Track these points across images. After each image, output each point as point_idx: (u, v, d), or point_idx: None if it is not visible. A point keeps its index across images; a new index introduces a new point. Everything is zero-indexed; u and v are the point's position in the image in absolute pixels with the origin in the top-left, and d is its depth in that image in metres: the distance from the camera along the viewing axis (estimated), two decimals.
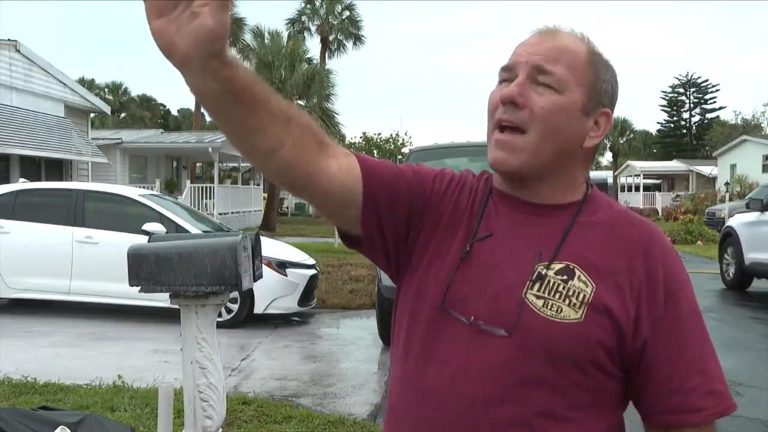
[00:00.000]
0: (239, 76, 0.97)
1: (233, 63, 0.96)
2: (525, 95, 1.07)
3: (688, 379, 1.06)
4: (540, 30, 1.14)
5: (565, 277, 1.06)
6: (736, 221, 10.58)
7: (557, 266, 1.07)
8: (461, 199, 1.17)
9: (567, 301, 1.05)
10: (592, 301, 1.04)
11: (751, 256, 9.53)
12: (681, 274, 1.10)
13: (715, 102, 57.99)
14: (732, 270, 10.28)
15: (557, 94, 1.08)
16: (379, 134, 54.09)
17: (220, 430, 2.86)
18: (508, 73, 1.11)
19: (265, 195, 24.60)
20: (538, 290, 1.06)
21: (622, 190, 41.85)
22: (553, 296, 1.05)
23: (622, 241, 1.09)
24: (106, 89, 59.64)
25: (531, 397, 1.04)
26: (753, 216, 9.86)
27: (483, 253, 1.11)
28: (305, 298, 7.89)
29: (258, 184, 29.26)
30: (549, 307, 1.05)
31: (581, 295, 1.05)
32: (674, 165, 43.14)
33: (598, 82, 1.12)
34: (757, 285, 10.21)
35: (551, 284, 1.06)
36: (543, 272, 1.07)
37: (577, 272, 1.06)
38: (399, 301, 1.20)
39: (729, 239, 10.36)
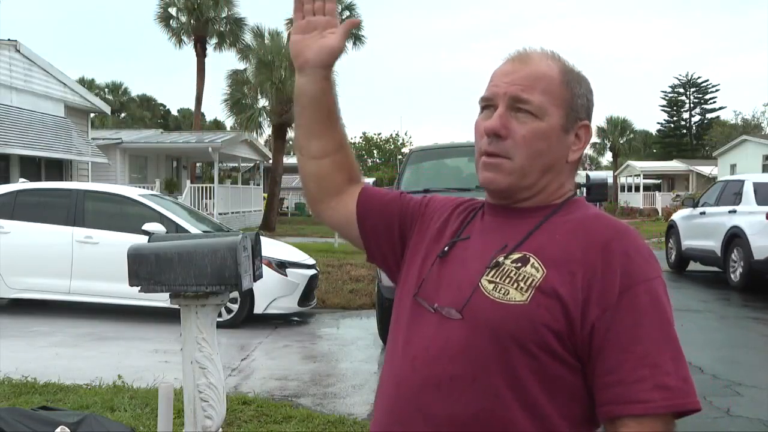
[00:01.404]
0: (331, 92, 1.35)
1: (331, 82, 1.35)
2: (507, 126, 1.16)
3: (635, 371, 1.04)
4: (513, 57, 1.21)
5: (519, 265, 1.12)
6: (677, 216, 12.83)
7: (515, 256, 1.13)
8: (454, 216, 1.30)
9: (515, 285, 1.10)
10: (540, 285, 1.08)
11: (686, 243, 11.79)
12: (647, 270, 1.10)
13: (715, 102, 57.99)
14: (673, 254, 12.53)
15: (537, 120, 1.15)
16: (379, 134, 54.07)
17: (220, 430, 2.86)
18: (488, 104, 1.20)
19: (265, 195, 24.61)
20: (492, 276, 1.13)
21: (622, 190, 41.84)
22: (504, 281, 1.11)
23: (585, 235, 1.13)
24: (106, 89, 59.65)
25: (480, 377, 1.07)
26: (688, 211, 12.17)
27: (458, 251, 1.22)
28: (305, 298, 7.89)
29: (258, 184, 29.27)
30: (497, 291, 1.10)
31: (530, 280, 1.09)
32: (674, 165, 43.12)
33: (573, 98, 1.19)
34: (758, 284, 10.18)
35: (505, 271, 1.12)
36: (500, 260, 1.14)
37: (532, 260, 1.12)
38: (394, 301, 1.31)
39: (671, 230, 12.71)
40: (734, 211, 10.29)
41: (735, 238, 10.01)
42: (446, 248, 1.23)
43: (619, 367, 1.05)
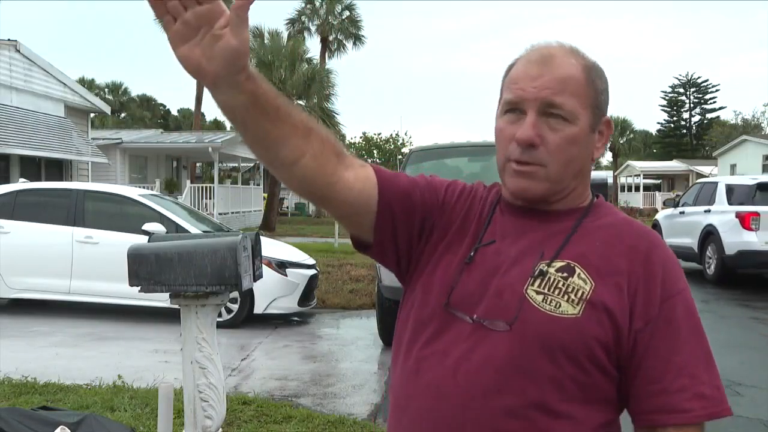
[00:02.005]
0: (263, 89, 1.04)
1: (256, 77, 1.03)
2: (541, 135, 1.11)
3: (676, 380, 1.06)
4: (535, 58, 1.14)
5: (565, 275, 1.09)
6: (660, 215, 13.84)
7: (558, 264, 1.10)
8: (472, 209, 1.22)
9: (566, 297, 1.07)
10: (591, 298, 1.07)
11: (668, 240, 11.81)
12: (680, 280, 1.12)
13: (715, 102, 58.06)
14: None
15: (569, 125, 1.11)
16: (379, 134, 54.05)
17: (220, 430, 2.86)
18: (515, 107, 1.13)
19: (265, 195, 24.60)
20: (539, 286, 1.09)
21: (622, 190, 41.84)
22: (553, 292, 1.08)
23: (624, 245, 1.12)
24: (106, 89, 59.67)
25: (528, 389, 1.06)
26: (670, 211, 13.15)
27: (488, 256, 1.15)
28: (305, 298, 7.89)
29: (258, 184, 29.26)
30: (548, 302, 1.07)
31: (580, 292, 1.07)
32: (674, 165, 43.12)
33: (597, 96, 1.16)
34: (759, 284, 10.21)
35: (551, 281, 1.09)
36: (544, 269, 1.10)
37: (578, 270, 1.09)
38: (405, 302, 1.23)
39: (655, 229, 12.90)
40: (709, 211, 11.08)
41: (710, 235, 10.85)
42: (472, 254, 1.16)
43: (661, 378, 1.07)
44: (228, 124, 38.82)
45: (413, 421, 1.12)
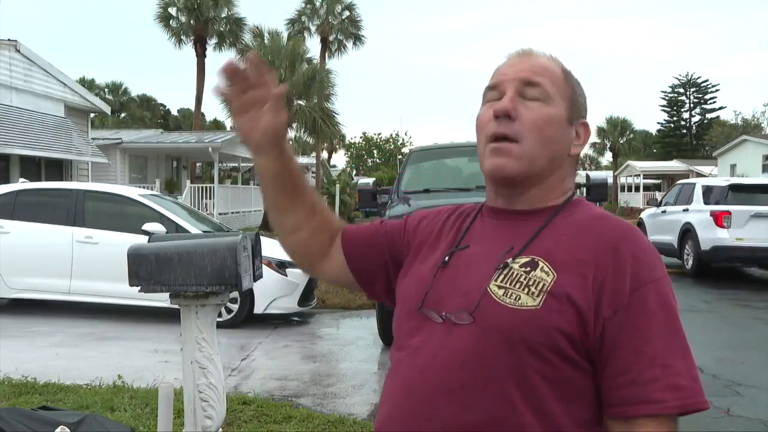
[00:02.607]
0: (292, 167, 1.33)
1: (289, 156, 1.32)
2: (517, 108, 1.16)
3: (647, 371, 1.04)
4: (517, 52, 1.24)
5: (528, 269, 1.11)
6: (644, 214, 14.90)
7: (523, 260, 1.13)
8: (447, 226, 1.29)
9: (526, 290, 1.09)
10: (552, 289, 1.07)
11: (652, 238, 12.57)
12: (655, 270, 1.10)
13: (715, 102, 58.04)
14: None
15: (545, 106, 1.17)
16: (379, 134, 54.15)
17: (220, 430, 2.86)
18: (495, 92, 1.20)
19: None
20: (501, 281, 1.11)
21: (622, 190, 41.85)
22: (514, 286, 1.10)
23: (592, 237, 1.12)
24: (106, 89, 59.63)
25: (493, 385, 1.06)
26: (653, 210, 14.14)
27: (462, 258, 1.20)
28: (305, 298, 7.88)
29: (258, 184, 29.18)
30: (508, 296, 1.09)
31: (541, 284, 1.08)
32: (674, 165, 43.11)
33: (575, 95, 1.22)
34: (759, 285, 10.21)
35: (514, 275, 1.11)
36: (509, 263, 1.13)
37: (541, 264, 1.11)
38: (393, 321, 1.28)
39: (640, 227, 13.64)
40: (687, 210, 12.03)
41: (687, 232, 11.79)
42: (447, 258, 1.21)
43: (631, 368, 1.04)
44: (228, 124, 38.86)
45: (387, 419, 1.16)
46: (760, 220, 10.80)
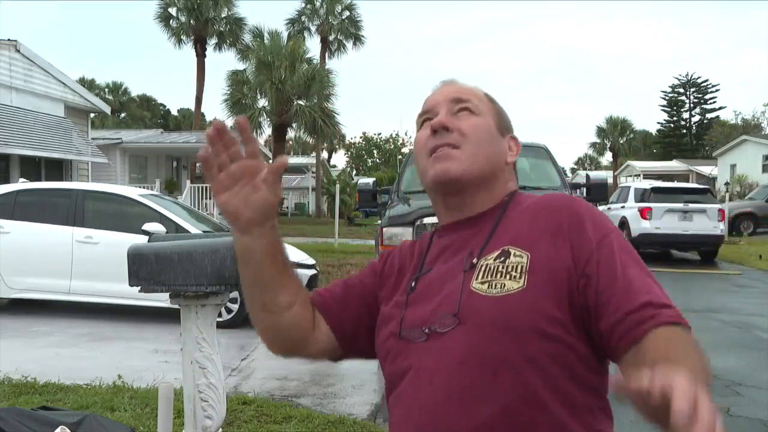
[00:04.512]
0: (278, 239, 1.23)
1: (276, 228, 1.22)
2: (451, 121, 1.24)
3: (637, 299, 1.05)
4: (441, 82, 1.34)
5: (502, 259, 1.14)
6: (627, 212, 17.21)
7: (494, 253, 1.15)
8: (409, 255, 1.32)
9: (508, 276, 1.11)
10: (530, 267, 1.10)
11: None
12: (608, 224, 1.16)
13: (715, 102, 57.99)
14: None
15: (477, 117, 1.25)
16: (379, 134, 54.15)
17: (220, 430, 2.86)
18: (428, 115, 1.28)
19: None
20: (482, 278, 1.13)
21: None
22: (495, 276, 1.12)
23: (545, 211, 1.18)
24: (106, 89, 59.68)
25: (502, 373, 1.06)
26: (603, 208, 15.76)
27: (428, 280, 1.22)
28: None
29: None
30: (493, 287, 1.11)
31: (519, 267, 1.11)
32: (674, 165, 43.13)
33: (500, 113, 1.31)
34: (758, 286, 10.25)
35: (492, 268, 1.13)
36: (481, 263, 1.15)
37: (512, 250, 1.14)
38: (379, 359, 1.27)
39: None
40: (623, 206, 15.66)
41: (623, 224, 14.89)
42: (413, 284, 1.23)
43: (622, 303, 1.05)
44: (228, 124, 38.74)
45: None
46: (672, 214, 14.43)
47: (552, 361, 1.06)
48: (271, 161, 1.27)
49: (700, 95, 58.28)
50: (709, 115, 57.51)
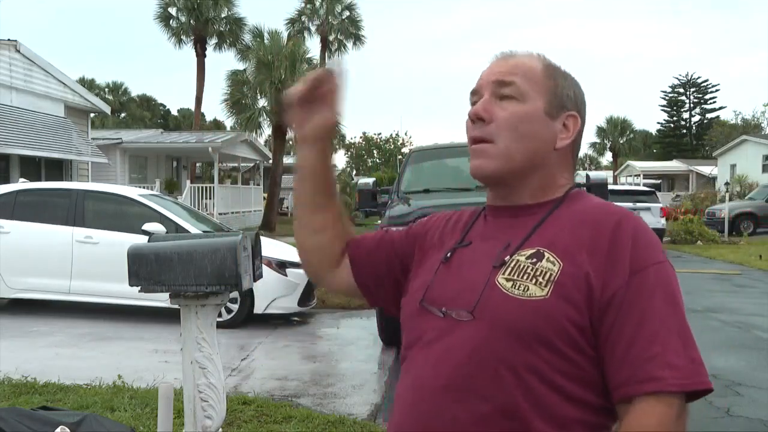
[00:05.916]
0: (330, 162, 1.40)
1: (331, 155, 1.40)
2: (489, 110, 1.20)
3: (646, 349, 1.03)
4: (497, 56, 1.27)
5: (534, 260, 1.12)
6: None
7: (528, 251, 1.13)
8: (449, 227, 1.32)
9: (534, 281, 1.09)
10: (559, 278, 1.08)
11: None
12: (654, 253, 1.10)
13: (715, 102, 58.04)
14: None
15: (520, 104, 1.19)
16: (379, 134, 54.07)
17: (220, 430, 2.86)
18: (476, 96, 1.25)
19: (265, 195, 24.60)
20: (509, 274, 1.12)
21: None
22: (522, 277, 1.11)
23: (592, 221, 1.14)
24: (106, 89, 59.69)
25: (504, 376, 1.06)
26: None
27: (464, 254, 1.22)
28: (305, 298, 7.88)
29: (258, 184, 29.26)
30: (517, 287, 1.10)
31: (548, 274, 1.09)
32: (674, 165, 43.16)
33: (557, 88, 1.22)
34: (758, 286, 10.26)
35: (521, 267, 1.12)
36: (512, 257, 1.14)
37: (546, 254, 1.12)
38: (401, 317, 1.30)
39: None
40: None
41: None
42: (449, 254, 1.23)
43: (630, 347, 1.04)
44: (228, 124, 38.84)
45: (400, 418, 1.17)
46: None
47: (556, 376, 1.06)
48: (271, 161, 1.35)
49: (700, 95, 58.31)
50: (709, 115, 57.55)
